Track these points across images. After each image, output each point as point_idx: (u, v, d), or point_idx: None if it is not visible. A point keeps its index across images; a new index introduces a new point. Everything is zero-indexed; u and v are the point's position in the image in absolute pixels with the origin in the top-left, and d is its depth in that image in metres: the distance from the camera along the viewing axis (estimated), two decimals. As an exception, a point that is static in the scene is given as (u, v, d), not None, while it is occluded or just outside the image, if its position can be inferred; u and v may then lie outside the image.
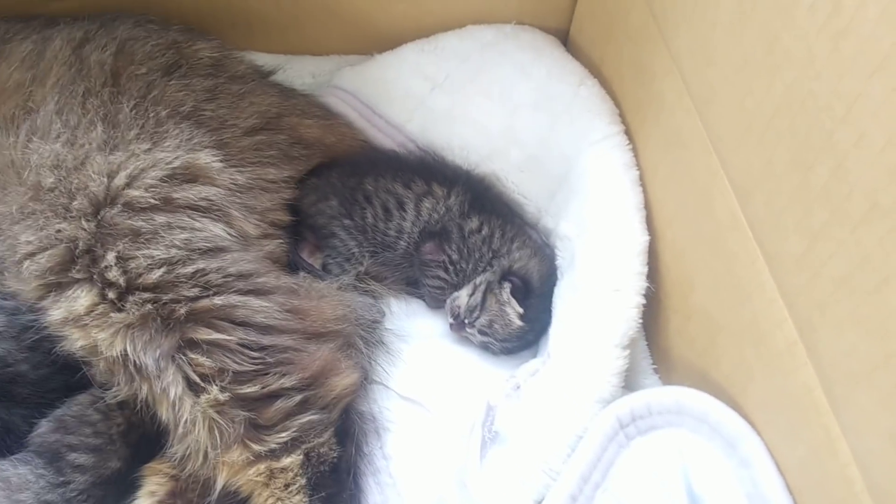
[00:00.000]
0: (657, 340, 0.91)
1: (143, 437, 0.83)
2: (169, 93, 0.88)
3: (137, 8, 1.01)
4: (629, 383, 0.87)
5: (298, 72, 1.13)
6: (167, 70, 0.91)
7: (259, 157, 0.92)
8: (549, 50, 1.07)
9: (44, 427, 0.81)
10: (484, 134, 1.03)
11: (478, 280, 0.94)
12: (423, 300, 1.00)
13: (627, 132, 0.95)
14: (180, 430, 0.77)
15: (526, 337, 0.93)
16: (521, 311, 0.90)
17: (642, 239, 0.88)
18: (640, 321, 0.85)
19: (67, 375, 0.85)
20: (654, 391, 0.82)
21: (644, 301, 0.85)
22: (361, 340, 0.91)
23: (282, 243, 0.94)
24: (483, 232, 0.96)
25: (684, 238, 0.86)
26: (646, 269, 0.87)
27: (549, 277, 0.95)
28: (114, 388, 0.79)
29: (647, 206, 0.90)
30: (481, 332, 0.93)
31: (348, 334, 0.89)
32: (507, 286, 0.91)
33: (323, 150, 1.01)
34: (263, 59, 1.10)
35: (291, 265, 0.95)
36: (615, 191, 0.90)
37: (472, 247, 0.96)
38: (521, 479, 0.79)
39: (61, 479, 0.78)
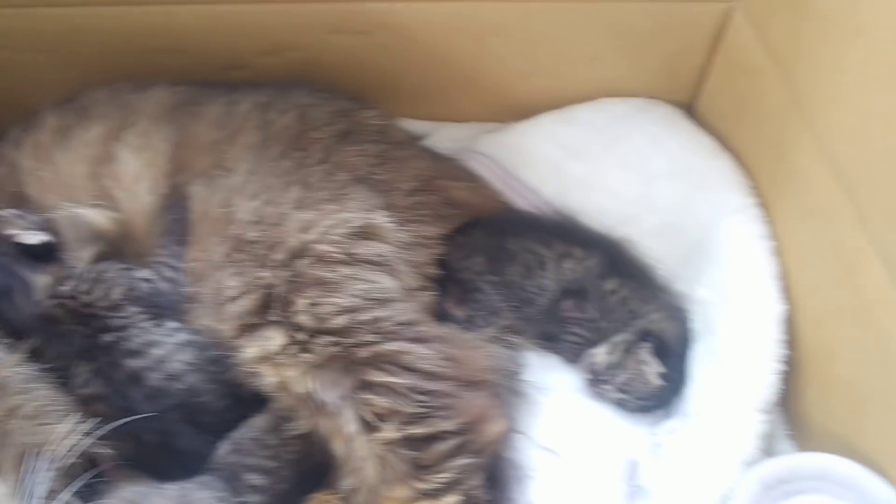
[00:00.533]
0: (793, 407, 0.94)
1: (312, 467, 0.90)
2: (347, 158, 0.98)
3: (305, 78, 1.13)
4: (765, 448, 0.90)
5: (440, 137, 1.22)
6: (342, 136, 1.02)
7: (417, 216, 1.01)
8: (680, 123, 1.14)
9: (223, 449, 0.89)
10: (618, 200, 1.10)
11: (616, 339, 0.99)
12: (560, 354, 1.06)
13: (762, 204, 1.00)
14: (352, 464, 0.84)
15: (663, 396, 0.98)
16: (662, 370, 0.95)
17: (779, 308, 0.92)
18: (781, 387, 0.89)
19: (245, 407, 0.94)
20: (798, 456, 0.86)
21: (783, 368, 0.90)
22: (506, 390, 0.96)
23: (433, 295, 1.01)
24: (621, 293, 1.02)
25: (824, 309, 0.90)
26: (784, 337, 0.91)
27: (685, 339, 1.00)
28: (294, 422, 0.87)
29: (785, 277, 0.94)
30: (620, 390, 0.98)
31: (495, 384, 0.95)
32: (646, 346, 0.96)
33: (469, 211, 1.10)
34: (410, 126, 1.20)
35: (438, 316, 1.02)
36: (753, 260, 0.95)
37: (610, 306, 1.01)
38: (666, 532, 0.83)
39: (238, 499, 0.86)
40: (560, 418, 0.99)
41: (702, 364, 0.96)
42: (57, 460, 0.80)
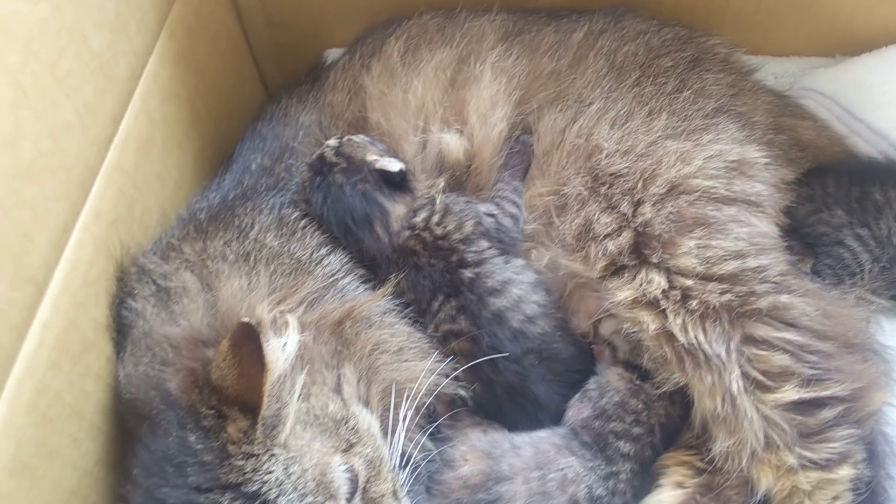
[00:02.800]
0: None
1: (673, 429, 0.84)
2: (707, 87, 0.89)
3: (621, 4, 1.03)
4: None
5: (761, 73, 1.09)
6: (692, 63, 0.92)
7: (775, 158, 0.90)
8: None
9: (584, 411, 0.83)
10: None
11: None
12: (921, 321, 0.93)
13: None
14: (731, 424, 0.77)
15: None
16: None
17: None
18: None
19: (588, 359, 0.88)
20: None
21: None
22: (880, 358, 0.85)
23: (783, 246, 0.91)
24: None
25: None
26: None
27: None
28: (661, 378, 0.80)
29: None
30: None
31: (869, 347, 0.84)
32: None
33: (814, 154, 0.98)
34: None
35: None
36: None
37: None
38: None
39: (611, 469, 0.80)
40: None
41: None
42: (418, 399, 0.78)
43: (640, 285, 0.78)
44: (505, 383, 0.83)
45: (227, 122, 1.07)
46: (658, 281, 0.77)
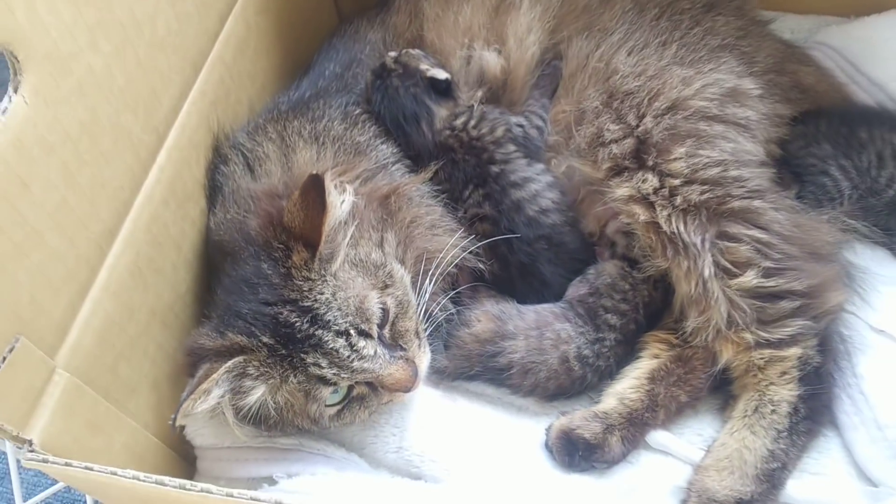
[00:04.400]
0: None
1: (654, 311, 1.00)
2: (717, 27, 1.03)
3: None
4: None
5: (779, 27, 1.22)
6: (708, 7, 1.06)
7: (772, 95, 1.04)
8: None
9: (581, 289, 1.00)
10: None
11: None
12: (892, 249, 1.06)
13: None
14: (701, 304, 0.92)
15: None
16: None
17: None
18: None
19: (590, 253, 1.04)
20: None
21: None
22: (844, 270, 0.99)
23: (774, 173, 1.04)
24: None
25: None
26: None
27: None
28: (647, 264, 0.96)
29: None
30: (967, 286, 0.97)
31: (837, 259, 0.98)
32: None
33: (814, 98, 1.11)
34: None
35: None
36: None
37: (966, 203, 0.99)
38: None
39: (598, 335, 0.97)
40: (893, 305, 1.00)
41: None
42: (443, 267, 0.95)
43: (637, 184, 0.94)
44: (517, 262, 1.00)
45: (306, 42, 1.25)
46: (651, 180, 0.93)
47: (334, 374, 0.82)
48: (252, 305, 0.83)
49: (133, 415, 0.86)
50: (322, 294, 0.82)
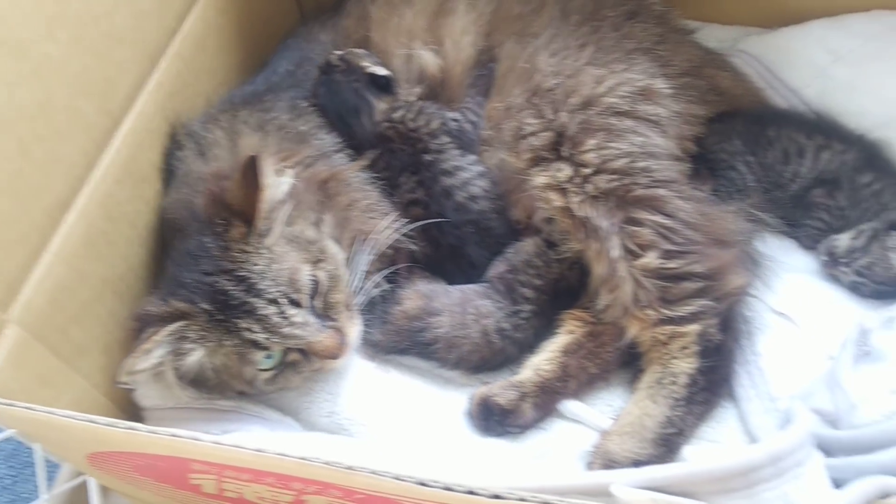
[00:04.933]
0: None
1: (566, 289, 1.08)
2: (634, 32, 1.12)
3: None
4: None
5: (706, 36, 1.32)
6: (630, 15, 1.15)
7: (687, 95, 1.13)
8: (959, 36, 1.15)
9: (500, 267, 1.08)
10: (882, 104, 1.14)
11: (863, 226, 1.06)
12: (798, 239, 1.14)
13: None
14: (610, 283, 1.00)
15: (902, 283, 1.04)
16: (908, 257, 1.01)
17: None
18: None
19: (515, 236, 1.13)
20: None
21: None
22: (747, 256, 1.07)
23: (688, 167, 1.13)
24: (874, 186, 1.08)
25: None
26: None
27: (935, 235, 1.04)
28: (563, 247, 1.05)
29: None
30: (857, 273, 1.05)
31: (741, 247, 1.06)
32: (895, 234, 1.02)
33: (730, 100, 1.19)
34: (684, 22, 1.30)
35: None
36: None
37: (861, 198, 1.08)
38: (891, 387, 0.91)
39: (514, 307, 1.05)
40: (793, 290, 1.08)
41: (950, 257, 1.01)
42: (377, 247, 1.04)
43: (553, 173, 1.02)
44: (447, 244, 1.08)
45: (267, 41, 1.34)
46: (566, 170, 1.01)
47: (265, 338, 0.90)
48: (194, 275, 0.92)
49: (83, 374, 0.94)
50: (256, 265, 0.91)
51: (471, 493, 0.60)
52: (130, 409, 1.02)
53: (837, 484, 0.84)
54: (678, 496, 0.71)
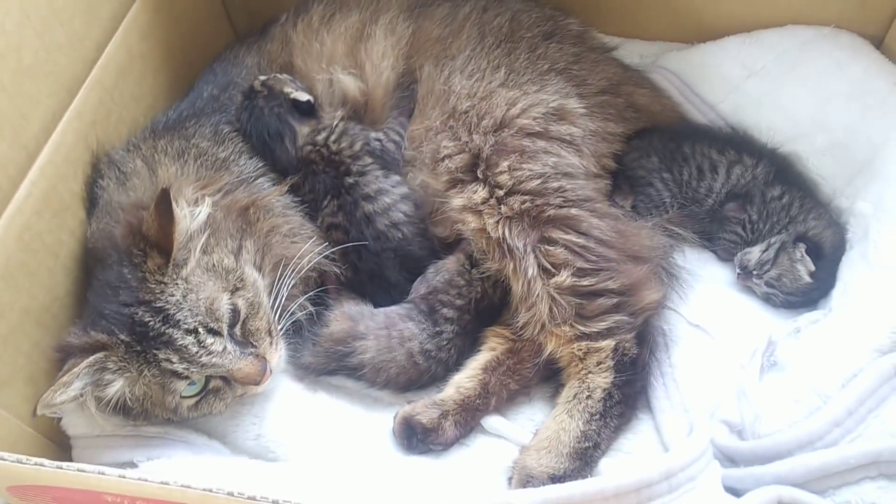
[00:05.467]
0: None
1: (488, 307, 1.10)
2: (549, 53, 1.15)
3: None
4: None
5: (629, 52, 1.35)
6: (546, 36, 1.18)
7: (603, 114, 1.16)
8: (866, 51, 1.19)
9: (421, 289, 1.10)
10: (792, 119, 1.18)
11: (773, 239, 1.10)
12: (715, 252, 1.18)
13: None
14: (527, 302, 1.03)
15: (810, 294, 1.08)
16: (812, 268, 1.05)
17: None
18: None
19: (437, 256, 1.15)
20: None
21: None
22: (663, 271, 1.11)
23: (607, 184, 1.16)
24: (784, 200, 1.12)
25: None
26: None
27: (839, 248, 1.09)
28: (483, 266, 1.07)
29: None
30: (768, 284, 1.09)
31: (656, 262, 1.09)
32: (801, 246, 1.06)
33: (648, 117, 1.23)
34: (602, 39, 1.34)
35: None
36: (919, 179, 1.02)
37: (771, 211, 1.12)
38: (795, 398, 0.95)
39: (436, 328, 1.07)
40: (709, 302, 1.12)
41: (851, 267, 1.05)
42: (299, 271, 1.05)
43: (469, 195, 1.05)
44: (367, 269, 1.10)
45: (200, 64, 1.35)
46: (481, 192, 1.04)
47: (185, 368, 0.91)
48: (113, 306, 0.93)
49: (6, 406, 0.95)
50: (173, 296, 0.92)
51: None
52: (58, 439, 1.03)
53: (739, 494, 0.88)
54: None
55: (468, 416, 1.03)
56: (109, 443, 1.01)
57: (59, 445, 1.04)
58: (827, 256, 1.07)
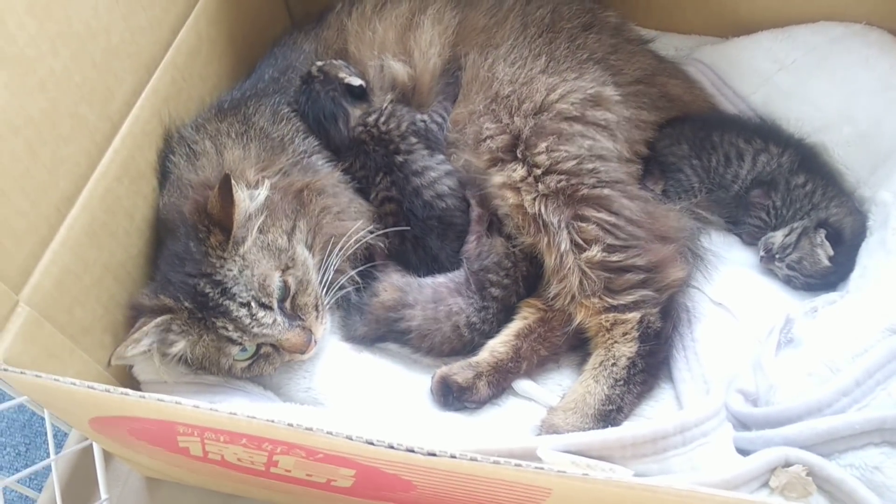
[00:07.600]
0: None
1: (532, 282, 1.18)
2: (588, 43, 1.22)
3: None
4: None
5: (665, 45, 1.41)
6: (585, 27, 1.25)
7: (638, 102, 1.23)
8: (895, 48, 1.24)
9: (474, 265, 1.17)
10: (820, 111, 1.24)
11: (795, 224, 1.16)
12: (740, 236, 1.24)
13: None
14: (560, 274, 1.11)
15: (829, 277, 1.14)
16: (831, 253, 1.10)
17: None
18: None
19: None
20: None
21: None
22: (689, 251, 1.17)
23: (638, 168, 1.23)
24: (807, 188, 1.17)
25: None
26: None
27: (859, 234, 1.14)
28: (519, 239, 1.15)
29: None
30: (789, 267, 1.15)
31: (683, 243, 1.16)
32: (822, 232, 1.12)
33: (680, 107, 1.29)
34: (639, 32, 1.40)
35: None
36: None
37: (795, 198, 1.18)
38: (808, 371, 1.01)
39: (483, 303, 1.15)
40: (732, 283, 1.18)
41: (870, 253, 1.11)
42: (347, 249, 1.14)
43: (508, 173, 1.13)
44: (412, 235, 1.19)
45: (259, 48, 1.45)
46: (520, 170, 1.12)
47: (238, 336, 1.02)
48: (180, 275, 1.03)
49: (87, 350, 1.06)
50: (231, 271, 1.02)
51: (410, 451, 0.71)
52: (129, 383, 1.14)
53: (749, 454, 0.95)
54: (595, 460, 0.82)
55: (500, 378, 1.11)
56: (175, 389, 1.11)
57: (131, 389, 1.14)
58: (847, 242, 1.13)
